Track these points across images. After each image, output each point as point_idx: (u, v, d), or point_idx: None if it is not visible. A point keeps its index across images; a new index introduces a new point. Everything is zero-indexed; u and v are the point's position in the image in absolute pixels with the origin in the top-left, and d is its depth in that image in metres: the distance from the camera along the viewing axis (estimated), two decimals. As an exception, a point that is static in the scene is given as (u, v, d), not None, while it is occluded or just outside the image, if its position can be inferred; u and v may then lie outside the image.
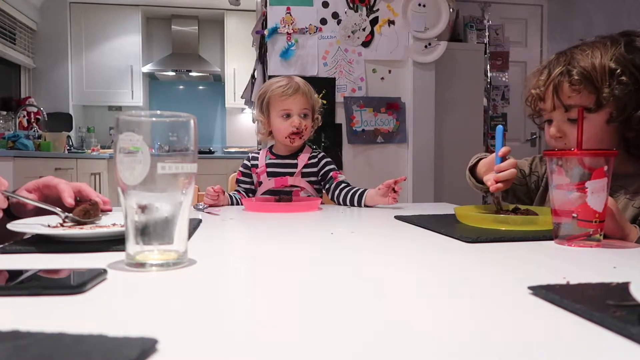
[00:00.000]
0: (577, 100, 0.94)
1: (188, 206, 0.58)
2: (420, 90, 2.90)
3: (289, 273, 0.58)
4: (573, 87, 0.94)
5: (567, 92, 0.95)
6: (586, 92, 0.93)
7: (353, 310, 0.42)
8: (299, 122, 1.47)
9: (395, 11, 2.86)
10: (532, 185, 1.20)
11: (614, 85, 0.90)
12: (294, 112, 1.48)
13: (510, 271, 0.58)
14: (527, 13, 4.29)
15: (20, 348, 0.30)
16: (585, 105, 0.92)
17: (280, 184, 1.50)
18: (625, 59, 0.91)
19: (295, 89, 1.47)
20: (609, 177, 0.69)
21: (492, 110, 3.86)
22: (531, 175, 1.20)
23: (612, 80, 0.91)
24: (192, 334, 0.35)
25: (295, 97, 1.47)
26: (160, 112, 0.57)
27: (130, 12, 4.99)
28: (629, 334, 0.33)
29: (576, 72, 0.93)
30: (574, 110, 0.95)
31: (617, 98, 0.91)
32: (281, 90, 1.48)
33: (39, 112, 4.24)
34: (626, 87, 0.90)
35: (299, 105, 1.48)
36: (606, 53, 0.92)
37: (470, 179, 1.17)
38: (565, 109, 0.97)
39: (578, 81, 0.93)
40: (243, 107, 5.26)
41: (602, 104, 0.92)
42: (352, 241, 0.82)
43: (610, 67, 0.91)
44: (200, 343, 0.34)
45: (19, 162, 2.89)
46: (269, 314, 0.41)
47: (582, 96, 0.94)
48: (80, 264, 0.56)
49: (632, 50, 0.92)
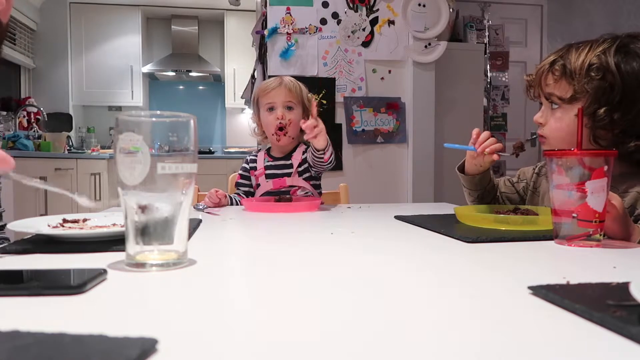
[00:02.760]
0: (555, 90, 0.99)
1: (188, 206, 0.58)
2: (420, 90, 2.90)
3: (289, 273, 0.58)
4: (554, 78, 0.99)
5: (549, 82, 1.00)
6: (565, 84, 0.97)
7: (353, 310, 0.42)
8: (282, 114, 1.49)
9: (395, 11, 2.86)
10: (522, 191, 1.24)
11: (588, 80, 0.93)
12: (277, 104, 1.50)
13: (510, 271, 0.58)
14: (527, 13, 4.29)
15: (20, 348, 0.30)
16: (561, 95, 0.98)
17: (278, 185, 1.50)
18: (608, 58, 0.92)
19: (278, 82, 1.51)
20: (609, 177, 0.69)
21: (492, 110, 3.86)
22: (519, 182, 1.25)
23: (588, 76, 0.93)
24: (192, 334, 0.35)
25: (278, 90, 1.50)
26: (160, 112, 0.57)
27: (130, 12, 4.99)
28: (629, 334, 0.33)
29: (559, 64, 0.97)
30: (555, 100, 0.99)
31: (589, 93, 0.93)
32: (265, 84, 1.53)
33: (39, 112, 4.24)
34: (598, 84, 0.92)
35: (282, 97, 1.49)
36: (594, 50, 0.94)
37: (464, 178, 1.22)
38: (546, 97, 1.02)
39: (559, 72, 0.97)
40: (243, 107, 5.26)
41: (576, 97, 0.95)
42: (352, 241, 0.82)
43: (590, 63, 0.93)
44: (200, 343, 0.34)
45: (19, 162, 2.86)
46: (269, 314, 0.41)
47: (560, 87, 0.98)
48: (80, 264, 0.56)
49: (622, 52, 0.93)
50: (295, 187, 1.50)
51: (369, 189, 2.82)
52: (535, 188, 1.20)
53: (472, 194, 1.23)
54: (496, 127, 3.82)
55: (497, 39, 3.90)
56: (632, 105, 0.91)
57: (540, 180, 1.19)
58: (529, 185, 1.22)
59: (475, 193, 1.23)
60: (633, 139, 0.92)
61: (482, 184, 1.20)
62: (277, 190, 1.49)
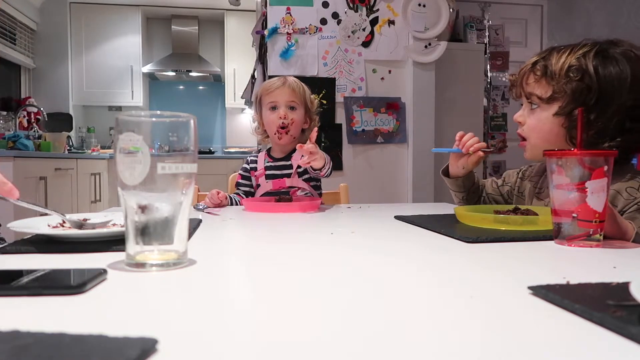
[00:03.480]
0: (536, 89, 1.03)
1: (188, 206, 0.58)
2: (420, 90, 2.90)
3: (289, 273, 0.58)
4: (535, 77, 1.02)
5: (530, 82, 1.04)
6: (545, 84, 1.01)
7: (353, 310, 0.42)
8: (285, 113, 1.49)
9: (395, 11, 2.86)
10: (506, 195, 1.27)
11: (566, 81, 0.97)
12: (280, 103, 1.50)
13: (510, 271, 0.58)
14: (527, 13, 4.29)
15: (20, 348, 0.30)
16: (540, 95, 1.02)
17: (278, 186, 1.50)
18: (587, 61, 0.96)
19: (282, 82, 1.52)
20: (609, 177, 0.69)
21: (492, 110, 3.86)
22: (504, 185, 1.29)
23: (567, 77, 0.97)
24: (192, 334, 0.35)
25: (282, 89, 1.50)
26: (160, 112, 0.57)
27: (130, 12, 4.99)
28: (629, 334, 0.33)
29: (540, 65, 1.01)
30: (534, 99, 1.03)
31: (567, 94, 0.97)
32: (269, 84, 1.53)
33: (39, 112, 4.24)
34: (576, 85, 0.95)
35: (285, 97, 1.50)
36: (575, 53, 0.98)
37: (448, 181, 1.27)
38: (526, 97, 1.06)
39: (539, 72, 1.01)
40: (243, 107, 5.26)
41: (554, 97, 0.99)
42: (352, 241, 0.82)
43: (570, 64, 0.97)
44: (200, 343, 0.34)
45: (19, 162, 2.89)
46: (269, 314, 0.41)
47: (540, 86, 1.02)
48: (80, 264, 0.56)
49: (600, 56, 0.96)
50: (294, 188, 1.50)
51: (369, 189, 2.82)
52: (520, 192, 1.23)
53: (458, 195, 1.28)
54: (496, 127, 3.82)
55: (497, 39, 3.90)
56: (607, 107, 0.94)
57: (524, 184, 1.22)
58: (514, 189, 1.25)
59: (460, 194, 1.27)
60: (607, 139, 0.95)
61: (465, 185, 1.25)
62: (276, 191, 1.49)
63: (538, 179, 1.17)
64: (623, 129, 0.95)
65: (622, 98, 0.93)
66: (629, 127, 0.95)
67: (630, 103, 0.94)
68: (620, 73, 0.94)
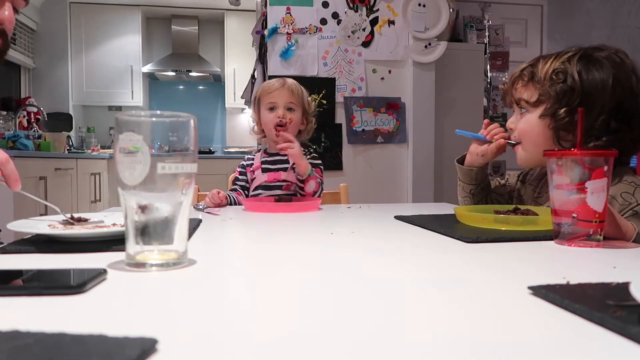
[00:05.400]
0: (523, 94, 1.06)
1: (188, 206, 0.58)
2: (420, 90, 2.90)
3: (289, 273, 0.58)
4: (523, 82, 1.07)
5: (518, 87, 1.08)
6: (532, 88, 1.05)
7: (353, 310, 0.42)
8: (283, 113, 1.52)
9: (395, 11, 2.86)
10: (506, 195, 1.29)
11: (551, 83, 1.00)
12: (279, 104, 1.53)
13: (510, 271, 0.58)
14: (527, 13, 4.29)
15: (20, 348, 0.30)
16: (528, 99, 1.05)
17: (273, 178, 1.53)
18: (571, 64, 0.99)
19: (281, 84, 1.55)
20: (609, 177, 0.69)
21: (492, 110, 3.85)
22: (506, 186, 1.30)
23: (552, 80, 1.00)
24: (192, 334, 0.35)
25: (281, 91, 1.53)
26: (160, 112, 0.57)
27: (130, 12, 4.99)
28: (629, 334, 0.33)
29: (527, 70, 1.06)
30: (522, 104, 1.07)
31: (552, 96, 1.00)
32: (268, 84, 1.56)
33: (39, 112, 4.24)
34: (560, 87, 0.99)
35: (284, 98, 1.53)
36: (560, 58, 1.02)
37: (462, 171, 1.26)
38: (516, 102, 1.09)
39: (527, 77, 1.05)
40: (243, 107, 5.26)
41: (541, 100, 1.03)
42: (352, 241, 0.82)
43: (555, 68, 1.00)
44: (200, 343, 0.34)
45: (19, 162, 2.89)
46: (269, 314, 0.41)
47: (528, 91, 1.06)
48: (80, 264, 0.56)
49: (584, 60, 0.99)
50: (289, 182, 1.51)
51: (369, 189, 2.82)
52: (520, 195, 1.23)
53: (466, 188, 1.26)
54: (496, 127, 3.81)
55: (497, 39, 3.89)
56: (591, 108, 0.96)
57: (524, 188, 1.22)
58: (514, 192, 1.26)
59: (469, 187, 1.26)
60: (592, 139, 0.97)
61: (478, 178, 1.24)
62: (271, 183, 1.51)
63: (537, 183, 1.17)
64: (609, 129, 0.97)
65: (606, 99, 0.96)
66: (614, 128, 0.97)
67: (614, 104, 0.96)
68: (604, 75, 0.97)
